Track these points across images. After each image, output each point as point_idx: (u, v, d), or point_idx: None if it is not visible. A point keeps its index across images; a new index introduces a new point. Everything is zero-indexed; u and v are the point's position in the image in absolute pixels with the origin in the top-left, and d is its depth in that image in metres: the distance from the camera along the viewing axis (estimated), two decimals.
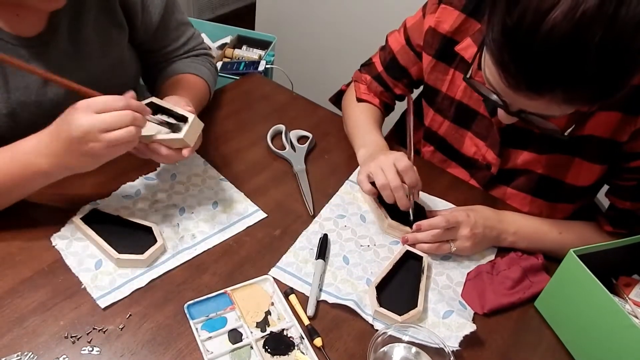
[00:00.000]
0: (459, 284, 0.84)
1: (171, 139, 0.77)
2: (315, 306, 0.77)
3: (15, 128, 0.85)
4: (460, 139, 1.01)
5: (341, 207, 0.94)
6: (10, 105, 0.83)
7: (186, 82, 1.01)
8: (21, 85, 0.83)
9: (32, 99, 0.85)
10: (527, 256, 0.87)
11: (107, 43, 0.93)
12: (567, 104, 0.66)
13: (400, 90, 1.09)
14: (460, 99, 0.97)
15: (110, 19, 0.92)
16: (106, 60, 0.93)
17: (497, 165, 0.97)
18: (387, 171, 0.85)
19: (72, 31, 0.87)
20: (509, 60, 0.63)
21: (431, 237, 0.85)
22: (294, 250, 0.85)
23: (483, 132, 0.96)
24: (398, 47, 1.05)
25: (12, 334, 0.69)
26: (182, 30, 1.06)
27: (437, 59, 0.98)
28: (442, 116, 1.02)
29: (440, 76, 0.99)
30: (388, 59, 1.07)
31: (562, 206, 0.97)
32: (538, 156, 0.92)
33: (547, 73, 0.62)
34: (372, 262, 0.86)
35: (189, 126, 0.77)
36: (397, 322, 0.74)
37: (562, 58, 0.60)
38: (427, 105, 1.05)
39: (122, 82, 0.99)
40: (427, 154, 1.10)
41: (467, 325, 0.76)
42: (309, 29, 2.29)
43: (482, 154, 0.98)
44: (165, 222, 0.86)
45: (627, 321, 0.67)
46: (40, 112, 0.87)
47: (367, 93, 1.11)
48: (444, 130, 1.03)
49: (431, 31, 0.96)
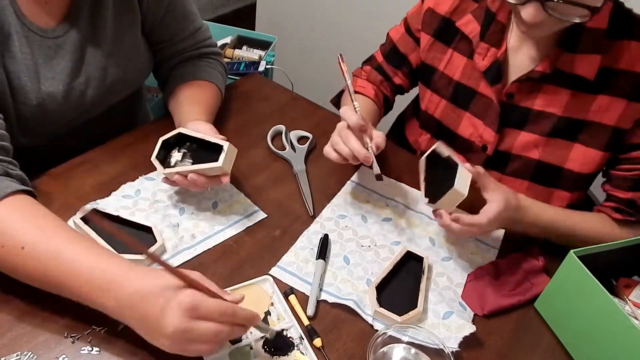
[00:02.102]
0: (459, 285, 0.84)
1: (209, 167, 0.81)
2: (315, 306, 0.77)
3: (43, 118, 0.86)
4: (457, 119, 1.02)
5: (342, 208, 0.95)
6: (40, 96, 0.84)
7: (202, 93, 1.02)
8: (49, 75, 0.85)
9: (60, 89, 0.86)
10: (529, 258, 0.87)
11: (122, 28, 0.93)
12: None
13: (400, 80, 1.11)
14: (459, 79, 0.99)
15: (125, 3, 0.93)
16: (122, 47, 0.94)
17: (494, 144, 0.96)
18: (339, 130, 0.87)
19: (93, 15, 0.89)
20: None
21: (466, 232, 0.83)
22: (294, 250, 0.85)
23: (481, 111, 0.97)
24: (398, 36, 1.09)
25: (12, 333, 0.68)
26: (190, 20, 1.05)
27: (435, 38, 1.01)
28: (439, 95, 1.03)
29: (437, 55, 1.01)
30: (388, 49, 1.11)
31: (559, 193, 0.97)
32: (537, 138, 0.92)
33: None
34: (372, 262, 0.86)
35: (225, 154, 0.81)
36: (397, 322, 0.74)
37: None
38: (424, 86, 1.07)
39: (137, 70, 1.00)
40: (424, 142, 1.11)
41: (467, 326, 0.76)
42: (309, 29, 2.29)
43: (480, 134, 0.99)
44: (165, 222, 0.86)
45: (627, 322, 0.67)
46: (67, 103, 0.88)
47: (362, 86, 1.12)
48: (440, 111, 1.04)
49: (430, 12, 1.00)
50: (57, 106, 0.87)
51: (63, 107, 0.88)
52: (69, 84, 0.87)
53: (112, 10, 0.91)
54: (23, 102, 0.83)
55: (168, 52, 1.06)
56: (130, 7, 0.94)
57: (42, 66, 0.84)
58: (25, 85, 0.82)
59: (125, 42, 0.95)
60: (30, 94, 0.83)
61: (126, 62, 0.95)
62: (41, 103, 0.85)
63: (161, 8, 0.99)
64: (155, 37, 1.03)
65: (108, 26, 0.91)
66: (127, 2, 0.93)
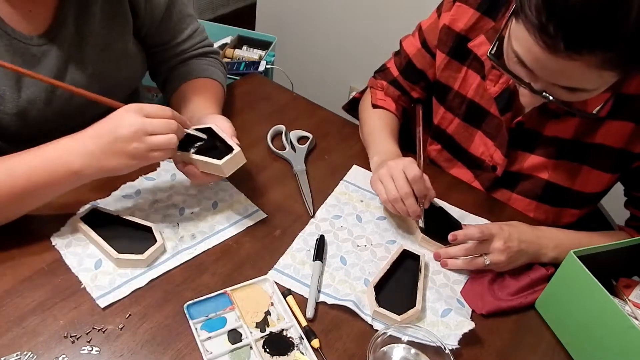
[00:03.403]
0: (457, 282, 0.85)
1: (210, 162, 0.78)
2: (314, 308, 0.77)
3: (25, 126, 0.86)
4: (470, 138, 1.01)
5: (337, 208, 0.94)
6: (20, 105, 0.83)
7: (209, 90, 1.01)
8: (32, 83, 0.84)
9: (43, 96, 0.85)
10: (538, 267, 0.86)
11: (112, 35, 0.93)
12: (603, 68, 0.65)
13: (418, 94, 1.08)
14: (472, 97, 0.97)
15: (115, 9, 0.92)
16: (111, 53, 0.93)
17: (503, 166, 0.96)
18: (397, 179, 0.85)
19: (80, 23, 0.88)
20: (547, 20, 0.63)
21: (464, 250, 0.84)
22: (291, 252, 0.85)
23: (493, 131, 0.96)
24: (414, 50, 1.05)
25: (12, 333, 0.68)
26: (187, 23, 1.05)
27: (450, 57, 0.98)
28: (452, 114, 1.02)
29: (452, 74, 0.99)
30: (404, 64, 1.07)
31: (569, 211, 0.97)
32: (545, 161, 0.92)
33: (587, 30, 0.61)
34: (369, 262, 0.86)
35: (230, 157, 0.78)
36: (397, 321, 0.74)
37: (601, 15, 0.60)
38: (438, 103, 1.05)
39: (127, 76, 0.99)
40: (434, 152, 1.10)
41: (466, 323, 0.76)
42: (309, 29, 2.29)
43: (490, 154, 0.98)
44: (165, 222, 0.86)
45: (627, 323, 0.67)
46: (50, 109, 0.87)
47: (383, 99, 1.10)
48: (453, 128, 1.03)
49: (446, 29, 0.96)
50: (38, 112, 0.86)
51: (46, 114, 0.87)
52: (52, 92, 0.86)
53: (99, 18, 0.90)
54: (3, 111, 0.82)
55: (166, 55, 1.06)
56: (121, 14, 0.93)
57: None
58: (4, 94, 0.81)
59: (115, 49, 0.94)
60: (9, 103, 0.82)
61: (116, 68, 0.95)
62: (21, 111, 0.84)
63: (158, 13, 0.98)
64: (153, 41, 1.03)
65: (95, 34, 0.90)
66: (116, 10, 0.92)
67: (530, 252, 0.84)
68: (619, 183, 0.94)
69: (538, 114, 0.89)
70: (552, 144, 0.90)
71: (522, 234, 0.84)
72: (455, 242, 0.84)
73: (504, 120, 0.92)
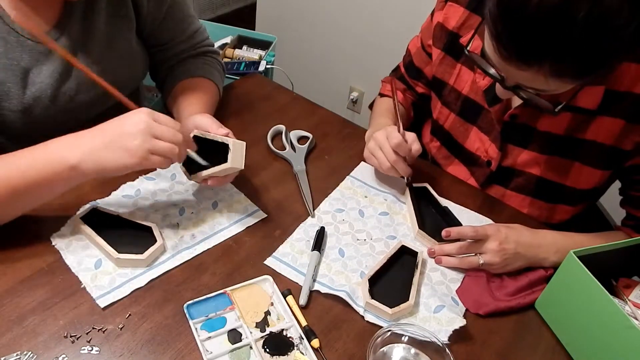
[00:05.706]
0: (453, 280, 0.85)
1: (221, 169, 0.81)
2: (307, 296, 0.77)
3: (29, 124, 0.86)
4: (465, 133, 1.03)
5: (340, 202, 0.95)
6: (25, 102, 0.84)
7: (200, 89, 1.01)
8: (38, 80, 0.84)
9: (48, 93, 0.86)
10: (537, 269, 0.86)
11: (115, 34, 0.93)
12: (555, 78, 0.68)
13: (422, 89, 1.15)
14: (467, 94, 1.00)
15: (118, 9, 0.93)
16: (115, 51, 0.94)
17: (497, 160, 0.97)
18: (384, 148, 0.92)
19: (85, 21, 0.88)
20: (502, 30, 0.67)
21: (457, 248, 0.85)
22: (290, 242, 0.86)
23: (487, 127, 0.98)
24: (415, 49, 1.12)
25: (12, 333, 0.68)
26: (188, 23, 1.06)
27: (445, 52, 1.02)
28: (448, 109, 1.05)
29: (447, 69, 1.02)
30: (407, 61, 1.15)
31: (563, 208, 0.98)
32: (538, 156, 0.93)
33: (535, 44, 0.65)
34: (367, 255, 0.86)
35: (231, 153, 0.80)
36: (388, 314, 0.75)
37: (549, 30, 0.63)
38: (436, 97, 1.08)
39: (130, 76, 1.00)
40: (434, 149, 1.12)
41: (457, 320, 0.76)
42: (309, 29, 2.29)
43: (485, 149, 0.99)
44: (165, 222, 0.86)
45: (626, 322, 0.67)
46: (55, 106, 0.88)
47: (389, 90, 1.14)
48: (450, 123, 1.05)
49: (439, 26, 1.01)
50: (43, 110, 0.86)
51: (51, 111, 0.87)
52: (58, 88, 0.87)
53: (104, 16, 0.90)
54: (8, 108, 0.83)
55: (166, 55, 1.06)
56: (124, 13, 0.94)
57: (30, 71, 0.84)
58: (9, 91, 0.82)
59: (118, 47, 0.94)
60: (14, 100, 0.83)
61: (119, 67, 0.95)
62: (26, 108, 0.84)
63: (160, 12, 0.99)
64: (154, 40, 1.03)
65: (100, 32, 0.90)
66: (120, 9, 0.93)
67: (528, 256, 0.84)
68: (617, 182, 0.95)
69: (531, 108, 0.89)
70: (546, 140, 0.91)
71: (520, 237, 0.84)
72: (448, 239, 0.85)
73: (493, 112, 0.94)
